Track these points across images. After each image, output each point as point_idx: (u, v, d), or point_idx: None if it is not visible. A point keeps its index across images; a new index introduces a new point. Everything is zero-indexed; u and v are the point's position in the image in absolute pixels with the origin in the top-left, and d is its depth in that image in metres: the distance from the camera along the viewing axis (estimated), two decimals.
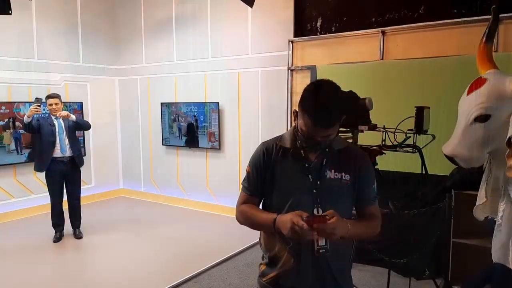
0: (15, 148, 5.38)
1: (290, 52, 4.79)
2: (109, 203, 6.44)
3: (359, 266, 3.75)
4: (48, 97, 4.45)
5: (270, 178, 1.52)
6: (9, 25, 5.21)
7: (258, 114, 5.32)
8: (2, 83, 5.34)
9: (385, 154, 2.63)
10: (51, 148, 4.40)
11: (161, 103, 6.19)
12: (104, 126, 6.60)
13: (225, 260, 4.05)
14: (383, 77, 4.02)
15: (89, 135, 6.25)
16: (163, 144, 6.28)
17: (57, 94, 4.53)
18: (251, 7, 4.45)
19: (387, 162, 3.11)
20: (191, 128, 5.88)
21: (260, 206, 1.60)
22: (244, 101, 5.45)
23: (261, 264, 1.63)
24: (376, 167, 2.59)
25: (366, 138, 2.71)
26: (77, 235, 4.70)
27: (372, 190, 1.55)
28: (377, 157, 2.61)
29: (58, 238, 4.60)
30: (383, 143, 2.63)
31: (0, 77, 5.31)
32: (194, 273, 3.70)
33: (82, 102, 6.18)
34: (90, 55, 6.34)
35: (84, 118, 5.50)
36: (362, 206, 1.55)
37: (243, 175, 1.67)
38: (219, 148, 5.66)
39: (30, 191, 5.64)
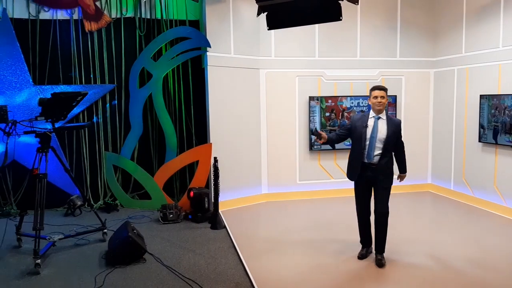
0: None
1: None
2: (415, 196, 6.44)
3: None
4: (374, 88, 3.70)
5: None
6: (337, 29, 6.06)
7: None
8: (331, 80, 6.33)
9: None
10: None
11: (480, 96, 5.54)
12: (416, 119, 6.61)
13: None
14: None
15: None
16: (479, 141, 5.63)
17: (383, 86, 3.75)
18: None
19: None
20: None
21: None
22: None
23: None
24: None
25: None
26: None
27: None
28: None
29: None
30: None
31: (329, 75, 6.32)
32: None
33: (396, 96, 6.43)
34: (406, 48, 6.49)
35: (397, 111, 5.64)
36: None
37: None
38: None
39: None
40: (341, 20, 4.03)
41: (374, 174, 3.66)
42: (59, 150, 5.72)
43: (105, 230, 4.46)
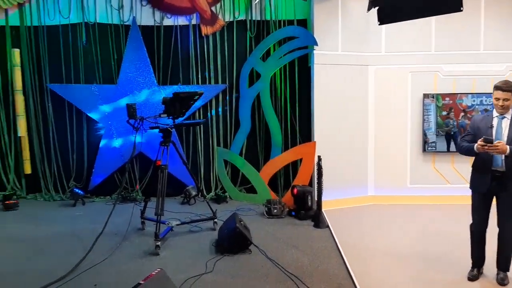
0: None
1: None
2: None
3: None
4: (497, 88, 3.19)
5: None
6: (456, 20, 5.51)
7: None
8: (449, 76, 5.81)
9: None
10: None
11: None
12: None
13: None
14: None
15: None
16: None
17: (509, 85, 3.16)
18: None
19: None
20: None
21: None
22: None
23: None
24: None
25: None
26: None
27: None
28: None
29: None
30: None
31: (447, 71, 5.81)
32: None
33: None
34: None
35: None
36: None
37: None
38: None
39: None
40: (462, 11, 3.66)
41: (500, 182, 3.21)
42: (178, 144, 6.29)
43: (216, 220, 4.78)
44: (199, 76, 6.46)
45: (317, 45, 5.61)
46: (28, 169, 6.40)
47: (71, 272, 3.52)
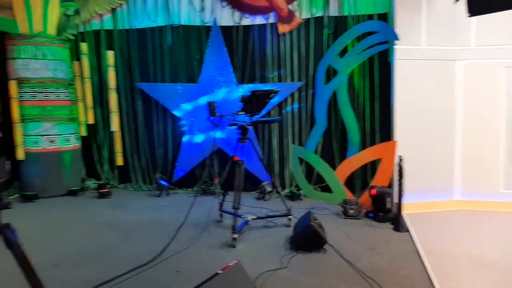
0: None
1: None
2: None
3: None
4: None
5: None
6: None
7: None
8: None
9: None
10: None
11: None
12: None
13: None
14: None
15: None
16: None
17: None
18: None
19: None
20: None
21: None
22: None
23: None
24: None
25: None
26: None
27: None
28: None
29: None
30: None
31: None
32: None
33: None
34: None
35: None
36: None
37: None
38: None
39: None
40: None
41: None
42: (254, 141, 6.45)
43: (290, 217, 4.81)
44: (275, 74, 6.53)
45: (398, 39, 5.35)
46: (120, 161, 7.04)
47: (156, 257, 3.80)
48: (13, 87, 6.12)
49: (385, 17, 5.95)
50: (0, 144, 6.21)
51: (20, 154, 6.22)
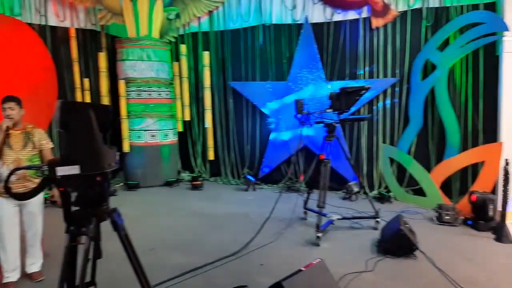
0: None
1: None
2: None
3: None
4: None
5: None
6: None
7: None
8: None
9: None
10: None
11: None
12: None
13: None
14: None
15: None
16: None
17: None
18: None
19: None
20: None
21: None
22: None
23: None
24: None
25: None
26: None
27: None
28: None
29: None
30: None
31: None
32: None
33: None
34: None
35: None
36: None
37: None
38: None
39: None
40: None
41: None
42: (342, 139, 6.31)
43: (378, 219, 4.63)
44: (366, 69, 6.31)
45: (507, 30, 4.79)
46: (211, 156, 7.44)
47: (242, 249, 3.96)
48: (121, 86, 6.84)
49: (493, 7, 5.35)
50: (112, 137, 6.98)
51: (126, 147, 6.93)
